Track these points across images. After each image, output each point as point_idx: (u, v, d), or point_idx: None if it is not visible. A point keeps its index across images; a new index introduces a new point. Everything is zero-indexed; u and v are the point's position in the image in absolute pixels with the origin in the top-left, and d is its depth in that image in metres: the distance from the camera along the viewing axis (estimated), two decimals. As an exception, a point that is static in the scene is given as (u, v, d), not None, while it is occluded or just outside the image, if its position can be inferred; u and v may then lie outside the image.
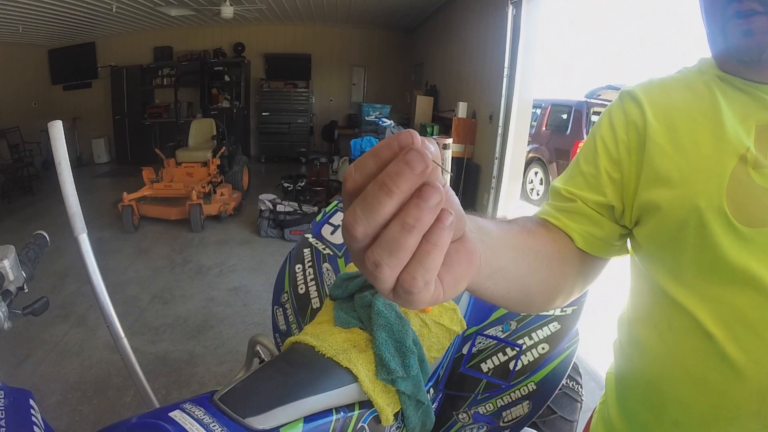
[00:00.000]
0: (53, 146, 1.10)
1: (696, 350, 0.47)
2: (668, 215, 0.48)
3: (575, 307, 1.09)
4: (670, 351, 0.51)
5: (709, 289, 0.46)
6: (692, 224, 0.46)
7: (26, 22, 5.75)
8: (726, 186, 0.44)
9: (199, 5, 6.24)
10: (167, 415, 0.63)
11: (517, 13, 3.88)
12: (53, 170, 1.12)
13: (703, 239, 0.45)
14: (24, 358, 2.37)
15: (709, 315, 0.46)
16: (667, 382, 0.51)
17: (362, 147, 3.99)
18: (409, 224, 0.22)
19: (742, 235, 0.43)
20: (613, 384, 0.64)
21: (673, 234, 0.48)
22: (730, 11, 0.44)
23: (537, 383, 1.01)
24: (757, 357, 0.42)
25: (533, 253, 0.47)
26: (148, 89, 8.34)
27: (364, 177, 0.24)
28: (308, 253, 1.34)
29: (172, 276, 3.55)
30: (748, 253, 0.43)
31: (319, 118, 9.12)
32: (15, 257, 0.81)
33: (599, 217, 0.55)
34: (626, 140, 0.53)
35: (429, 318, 0.98)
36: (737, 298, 0.44)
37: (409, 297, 0.25)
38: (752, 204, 0.43)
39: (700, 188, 0.46)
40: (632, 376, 0.58)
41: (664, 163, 0.49)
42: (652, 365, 0.54)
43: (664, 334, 0.51)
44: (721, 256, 0.44)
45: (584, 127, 6.17)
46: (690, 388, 0.48)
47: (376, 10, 7.22)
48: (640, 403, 0.56)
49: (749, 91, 0.46)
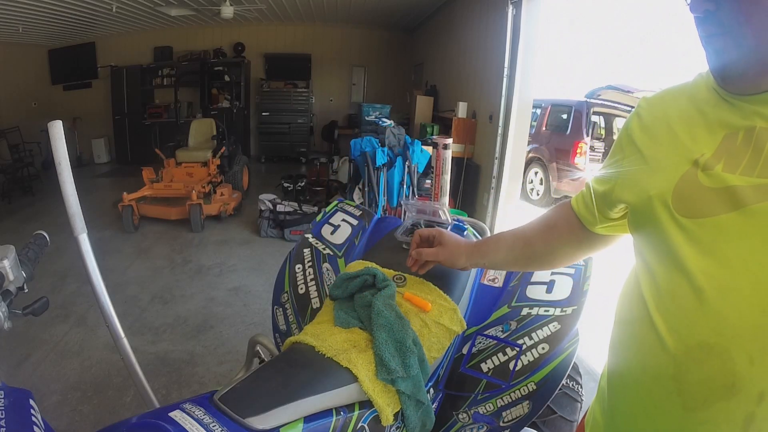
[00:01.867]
0: (53, 146, 1.10)
1: (641, 320, 0.57)
2: (634, 206, 0.61)
3: (575, 307, 1.09)
4: (626, 331, 0.62)
5: (657, 269, 0.56)
6: (647, 212, 0.57)
7: (26, 22, 5.75)
8: (675, 184, 0.54)
9: (199, 5, 6.24)
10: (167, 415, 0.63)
11: (517, 13, 3.88)
12: (53, 170, 1.12)
13: (654, 225, 0.56)
14: (24, 358, 2.37)
15: (649, 289, 0.56)
16: (618, 369, 0.62)
17: (362, 147, 3.98)
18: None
19: (680, 224, 0.53)
20: (602, 381, 0.71)
21: (638, 221, 0.61)
22: (701, 34, 0.52)
23: (537, 383, 1.01)
24: (676, 327, 0.52)
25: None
26: (148, 89, 8.34)
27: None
28: (308, 253, 1.34)
29: (172, 276, 3.55)
30: (684, 239, 0.52)
31: (319, 118, 9.12)
32: (15, 257, 0.81)
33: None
34: (622, 142, 0.66)
35: (429, 318, 0.98)
36: (670, 274, 0.53)
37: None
38: (694, 199, 0.52)
39: (655, 184, 0.57)
40: (608, 370, 0.67)
41: (635, 166, 0.61)
42: (611, 353, 0.66)
43: (625, 319, 0.63)
44: (664, 240, 0.54)
45: (584, 127, 6.16)
46: (633, 366, 0.59)
47: (376, 10, 7.21)
48: (609, 395, 0.65)
49: (730, 101, 0.52)
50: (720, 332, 0.48)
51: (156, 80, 8.36)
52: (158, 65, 8.28)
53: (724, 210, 0.49)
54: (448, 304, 1.03)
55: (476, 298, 1.19)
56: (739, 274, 0.47)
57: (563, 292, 1.12)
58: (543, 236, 0.83)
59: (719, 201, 0.49)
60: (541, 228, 0.84)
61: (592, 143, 6.27)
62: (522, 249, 0.86)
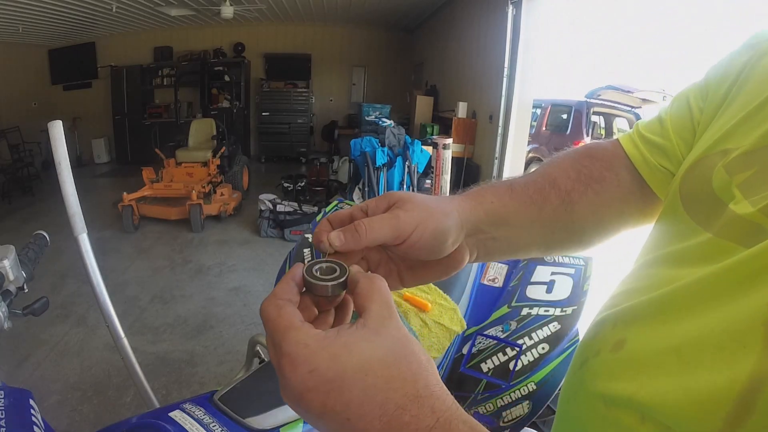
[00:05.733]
0: (53, 146, 1.10)
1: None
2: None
3: (575, 307, 1.09)
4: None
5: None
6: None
7: (26, 22, 5.75)
8: (691, 163, 0.39)
9: (199, 5, 6.24)
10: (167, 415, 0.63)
11: (517, 13, 3.88)
12: (53, 170, 1.12)
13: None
14: (24, 358, 2.37)
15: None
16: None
17: (362, 147, 3.98)
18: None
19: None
20: None
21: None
22: None
23: (537, 383, 1.01)
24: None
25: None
26: (148, 89, 8.34)
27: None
28: (308, 253, 1.34)
29: (172, 276, 3.55)
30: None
31: (319, 118, 9.12)
32: (15, 257, 0.81)
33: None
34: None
35: (429, 318, 0.98)
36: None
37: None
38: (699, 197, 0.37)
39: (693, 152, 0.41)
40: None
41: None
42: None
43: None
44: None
45: (584, 127, 6.17)
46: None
47: (376, 10, 7.22)
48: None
49: None
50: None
51: (156, 80, 8.36)
52: (158, 65, 8.28)
53: (711, 228, 0.34)
54: (448, 303, 1.03)
55: (476, 297, 1.19)
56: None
57: (563, 292, 1.12)
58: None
59: (713, 215, 0.34)
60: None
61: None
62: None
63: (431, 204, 0.39)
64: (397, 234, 0.37)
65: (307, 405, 0.27)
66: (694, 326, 0.30)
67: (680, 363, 0.29)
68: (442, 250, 0.40)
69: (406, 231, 0.37)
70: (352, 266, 0.34)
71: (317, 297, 0.33)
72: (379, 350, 0.27)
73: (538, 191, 0.45)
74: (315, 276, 0.33)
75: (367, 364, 0.26)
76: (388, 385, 0.26)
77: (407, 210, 0.38)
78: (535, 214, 0.44)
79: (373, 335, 0.28)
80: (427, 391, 0.27)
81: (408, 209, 0.38)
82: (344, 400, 0.26)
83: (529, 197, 0.44)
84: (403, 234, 0.37)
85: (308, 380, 0.26)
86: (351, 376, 0.26)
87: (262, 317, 0.30)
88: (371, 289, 0.31)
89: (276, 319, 0.29)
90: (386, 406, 0.26)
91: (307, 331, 0.28)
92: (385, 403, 0.26)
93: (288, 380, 0.27)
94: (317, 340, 0.27)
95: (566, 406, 0.42)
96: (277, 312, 0.29)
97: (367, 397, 0.26)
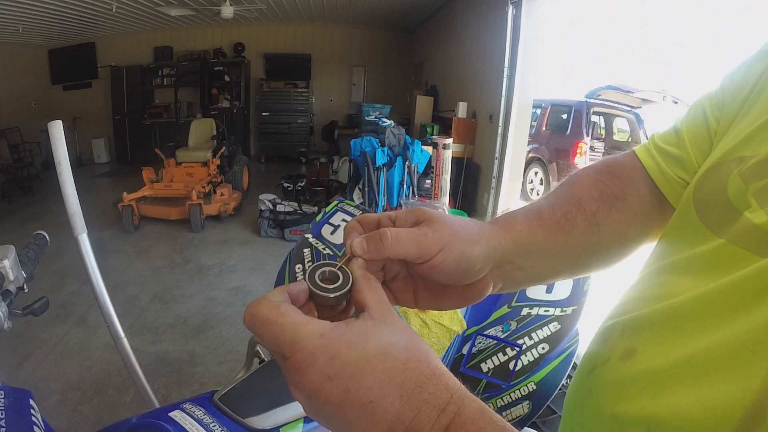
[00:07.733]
0: (53, 146, 1.10)
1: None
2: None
3: (575, 307, 1.09)
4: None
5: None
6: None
7: (26, 22, 5.75)
8: (705, 170, 0.40)
9: (199, 5, 6.24)
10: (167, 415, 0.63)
11: (517, 13, 3.88)
12: (53, 170, 1.12)
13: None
14: (24, 358, 2.37)
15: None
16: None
17: (362, 147, 3.99)
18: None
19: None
20: None
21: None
22: None
23: (537, 383, 1.01)
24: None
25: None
26: (148, 89, 8.34)
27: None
28: (308, 253, 1.34)
29: (172, 276, 3.55)
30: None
31: (319, 118, 9.12)
32: (15, 257, 0.81)
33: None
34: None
35: (429, 318, 0.98)
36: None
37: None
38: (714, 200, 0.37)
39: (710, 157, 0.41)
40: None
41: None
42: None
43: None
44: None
45: (584, 127, 6.17)
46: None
47: (376, 10, 7.22)
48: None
49: None
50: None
51: (156, 80, 8.36)
52: (158, 65, 8.28)
53: (725, 235, 0.34)
54: (448, 304, 1.03)
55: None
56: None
57: (563, 292, 1.12)
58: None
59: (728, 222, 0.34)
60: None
61: (592, 143, 6.28)
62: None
63: (459, 228, 0.38)
64: (422, 253, 0.36)
65: (327, 395, 0.27)
66: (707, 336, 0.30)
67: (692, 373, 0.30)
68: (464, 278, 0.39)
69: (431, 251, 0.36)
70: (353, 269, 0.34)
71: (319, 305, 0.33)
72: (393, 336, 0.29)
73: (564, 215, 0.44)
74: (318, 285, 0.32)
75: (385, 349, 0.28)
76: (405, 365, 0.28)
77: (435, 230, 0.37)
78: (563, 240, 0.44)
79: (382, 324, 0.29)
80: (439, 371, 0.29)
81: (436, 229, 0.37)
82: (367, 384, 0.27)
83: (556, 222, 0.44)
84: (427, 254, 0.36)
85: (329, 368, 0.27)
86: (372, 358, 0.27)
87: (254, 321, 0.29)
88: (369, 287, 0.32)
89: (278, 318, 0.29)
90: (406, 385, 0.27)
91: (318, 322, 0.28)
92: (405, 383, 0.27)
93: (304, 374, 0.27)
94: (331, 329, 0.28)
95: (573, 415, 0.42)
96: (276, 312, 0.29)
97: (388, 378, 0.27)
